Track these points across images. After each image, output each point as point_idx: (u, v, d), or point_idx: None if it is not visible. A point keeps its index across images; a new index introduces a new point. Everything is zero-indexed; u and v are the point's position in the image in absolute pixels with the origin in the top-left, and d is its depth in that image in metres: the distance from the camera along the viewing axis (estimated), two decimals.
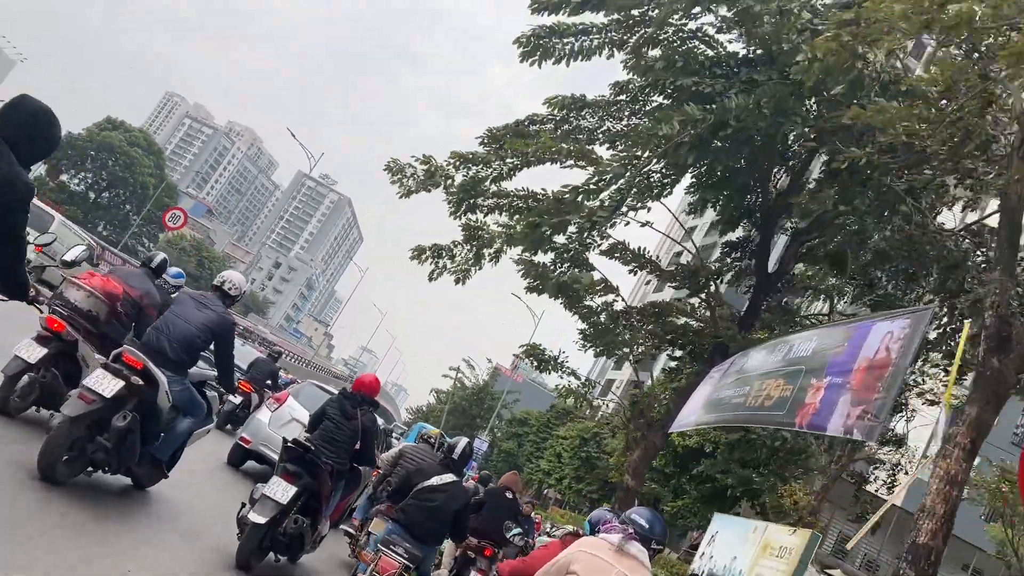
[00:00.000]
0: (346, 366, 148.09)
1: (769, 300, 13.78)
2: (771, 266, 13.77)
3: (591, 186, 9.41)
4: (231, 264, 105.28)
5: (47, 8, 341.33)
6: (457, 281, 11.56)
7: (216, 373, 6.27)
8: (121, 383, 5.04)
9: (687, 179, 12.54)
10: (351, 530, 8.04)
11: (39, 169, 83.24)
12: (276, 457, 7.52)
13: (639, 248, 13.22)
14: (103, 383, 5.01)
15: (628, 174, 9.56)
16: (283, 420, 9.88)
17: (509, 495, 8.58)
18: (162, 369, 5.34)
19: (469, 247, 11.60)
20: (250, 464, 10.36)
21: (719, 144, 10.30)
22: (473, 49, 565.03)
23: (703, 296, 13.22)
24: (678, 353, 14.90)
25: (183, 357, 5.53)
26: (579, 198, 9.73)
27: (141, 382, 5.18)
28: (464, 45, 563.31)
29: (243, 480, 9.60)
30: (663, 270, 14.24)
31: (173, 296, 8.06)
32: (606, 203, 9.74)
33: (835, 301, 15.44)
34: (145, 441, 5.45)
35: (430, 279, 11.32)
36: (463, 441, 6.58)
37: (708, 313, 12.85)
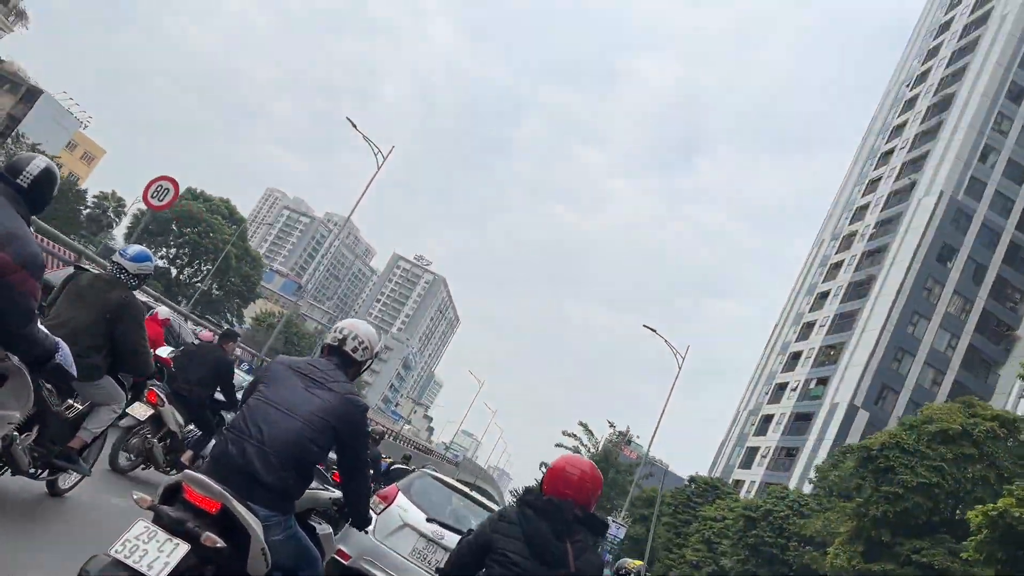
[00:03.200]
0: (447, 450, 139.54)
1: None
2: None
3: None
4: (320, 338, 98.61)
5: (156, 104, 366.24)
6: None
7: (334, 491, 3.99)
8: (184, 549, 2.70)
9: None
10: None
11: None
12: None
13: None
14: (148, 555, 2.64)
15: None
16: (392, 527, 7.13)
17: None
18: (253, 505, 2.90)
19: None
20: None
21: None
22: (562, 134, 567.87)
23: None
24: None
25: (288, 480, 3.03)
26: None
27: (220, 543, 2.73)
28: (553, 131, 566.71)
29: None
30: None
31: (132, 287, 5.35)
32: None
33: None
34: None
35: None
36: None
37: None
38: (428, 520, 7.02)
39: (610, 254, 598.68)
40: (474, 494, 7.93)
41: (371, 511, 7.27)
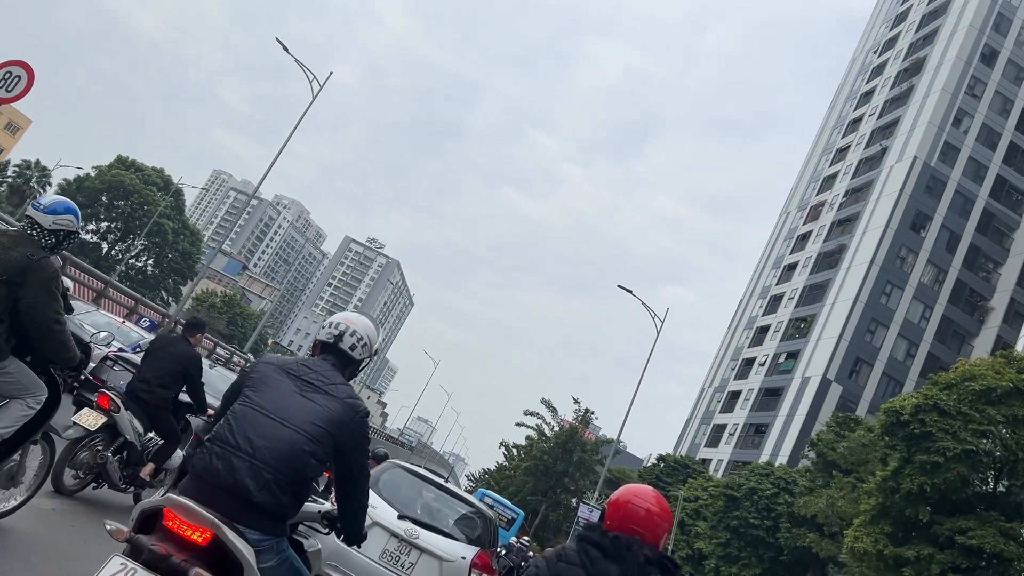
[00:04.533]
0: (402, 435, 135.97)
1: None
2: None
3: None
4: (270, 320, 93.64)
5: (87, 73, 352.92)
6: None
7: (322, 503, 3.49)
8: None
9: None
10: None
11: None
12: None
13: None
14: None
15: None
16: None
17: None
18: (243, 528, 2.56)
19: None
20: None
21: None
22: (515, 118, 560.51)
23: None
24: None
25: (283, 499, 2.64)
26: None
27: None
28: (506, 116, 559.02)
29: None
30: None
31: (46, 247, 4.30)
32: None
33: None
34: None
35: None
36: None
37: None
38: (400, 517, 6.50)
39: (564, 239, 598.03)
40: (449, 485, 7.25)
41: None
